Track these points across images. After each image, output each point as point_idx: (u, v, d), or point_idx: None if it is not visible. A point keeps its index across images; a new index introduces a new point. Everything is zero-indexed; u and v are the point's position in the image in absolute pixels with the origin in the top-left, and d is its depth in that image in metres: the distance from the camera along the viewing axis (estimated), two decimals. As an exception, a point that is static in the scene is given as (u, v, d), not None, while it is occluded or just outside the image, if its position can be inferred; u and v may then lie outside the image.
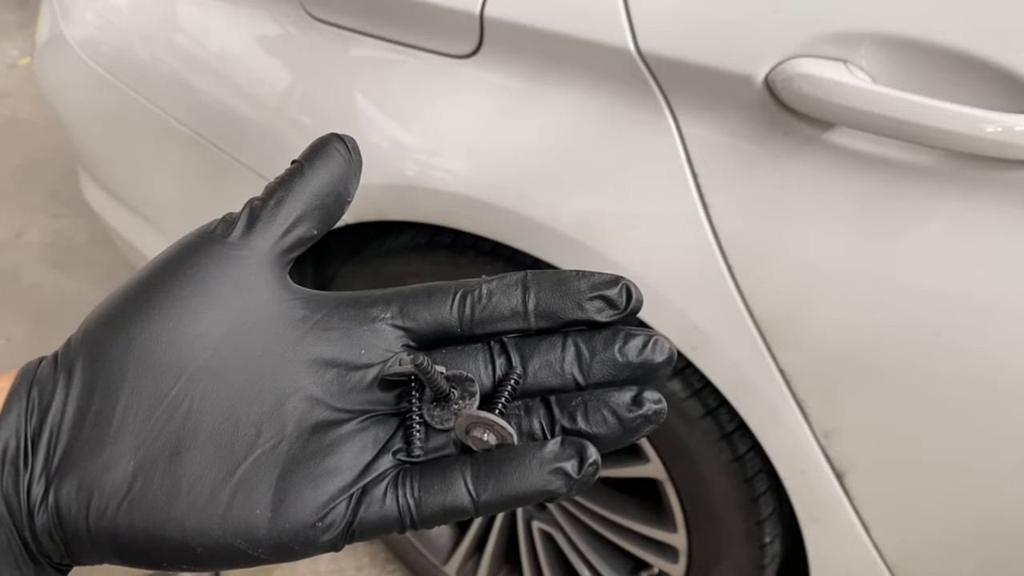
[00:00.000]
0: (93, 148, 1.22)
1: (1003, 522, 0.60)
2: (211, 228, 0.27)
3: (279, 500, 0.24)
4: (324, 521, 0.24)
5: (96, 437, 0.25)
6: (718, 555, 0.79)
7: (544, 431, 0.26)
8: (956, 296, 0.53)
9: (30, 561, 0.25)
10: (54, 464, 0.25)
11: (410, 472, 0.25)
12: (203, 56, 0.91)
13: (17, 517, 0.24)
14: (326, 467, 0.25)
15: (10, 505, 0.24)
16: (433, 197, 0.75)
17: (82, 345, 0.26)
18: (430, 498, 0.24)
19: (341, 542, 0.25)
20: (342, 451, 0.25)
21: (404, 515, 0.24)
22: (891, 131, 0.50)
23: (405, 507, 0.24)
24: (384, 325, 0.26)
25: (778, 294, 0.59)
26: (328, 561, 1.30)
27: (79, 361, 0.26)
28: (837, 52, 0.52)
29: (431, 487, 0.24)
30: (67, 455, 0.25)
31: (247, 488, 0.24)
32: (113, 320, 0.26)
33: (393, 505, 0.24)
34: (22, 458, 0.25)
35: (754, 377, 0.63)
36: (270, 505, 0.24)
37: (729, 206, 0.59)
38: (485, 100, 0.70)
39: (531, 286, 0.26)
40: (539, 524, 0.99)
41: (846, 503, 0.66)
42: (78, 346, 0.26)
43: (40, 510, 0.24)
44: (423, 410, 0.25)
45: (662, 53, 0.57)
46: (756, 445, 0.71)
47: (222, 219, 0.27)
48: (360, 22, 0.77)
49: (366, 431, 0.26)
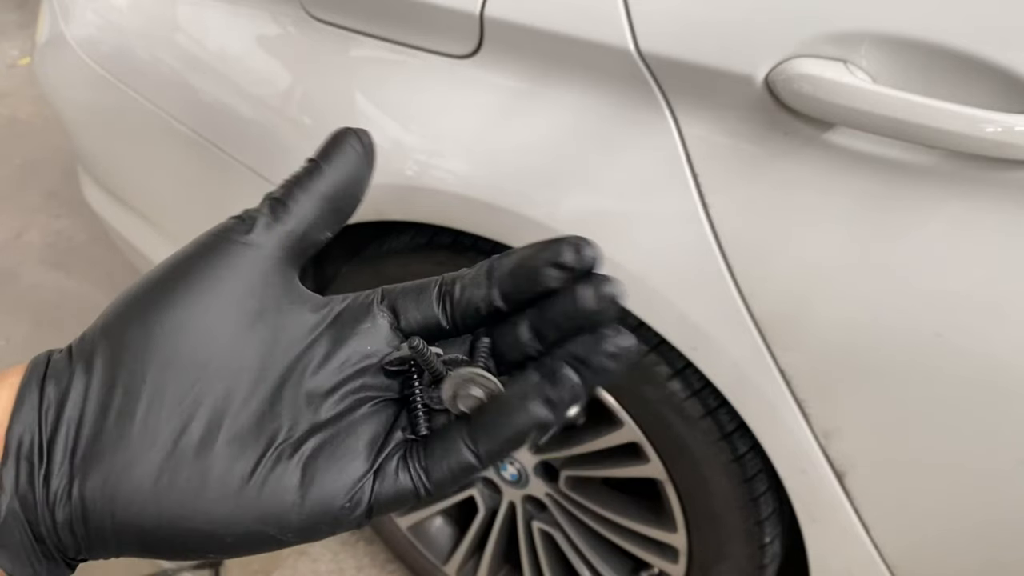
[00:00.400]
0: (93, 148, 1.22)
1: (1002, 522, 0.60)
2: (229, 226, 0.28)
3: (307, 485, 0.25)
4: (352, 500, 0.26)
5: (121, 430, 0.25)
6: (718, 555, 0.79)
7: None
8: (956, 296, 0.53)
9: (43, 557, 0.25)
10: (77, 458, 0.25)
11: (415, 446, 0.27)
12: (203, 56, 0.91)
13: (31, 512, 0.25)
14: (346, 450, 0.26)
15: (25, 501, 0.25)
16: (433, 197, 0.75)
17: (101, 337, 0.26)
18: (435, 464, 0.26)
19: (365, 519, 0.26)
20: (357, 435, 0.27)
21: (417, 485, 0.26)
22: (891, 131, 0.50)
23: (416, 477, 0.26)
24: (383, 321, 0.28)
25: (778, 294, 0.59)
26: (328, 562, 1.30)
27: (98, 354, 0.26)
28: (837, 52, 0.52)
29: (434, 453, 0.26)
30: (91, 449, 0.25)
31: (275, 476, 0.25)
32: (135, 314, 0.26)
33: (406, 478, 0.26)
34: (37, 453, 0.25)
35: (754, 377, 0.63)
36: (298, 490, 0.25)
37: (729, 206, 0.59)
38: (485, 100, 0.70)
39: (495, 273, 0.28)
40: (539, 524, 0.99)
41: (846, 503, 0.66)
42: (96, 339, 0.26)
43: (62, 504, 0.25)
44: (423, 393, 0.27)
45: (662, 53, 0.57)
46: (756, 445, 0.71)
47: (240, 217, 0.28)
48: (360, 22, 0.77)
49: (376, 415, 0.27)
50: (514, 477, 0.97)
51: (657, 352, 0.71)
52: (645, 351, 0.71)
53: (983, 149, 0.48)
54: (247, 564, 1.30)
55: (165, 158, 1.03)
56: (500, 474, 0.98)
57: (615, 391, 0.76)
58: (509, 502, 1.01)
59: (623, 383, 0.75)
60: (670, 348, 0.69)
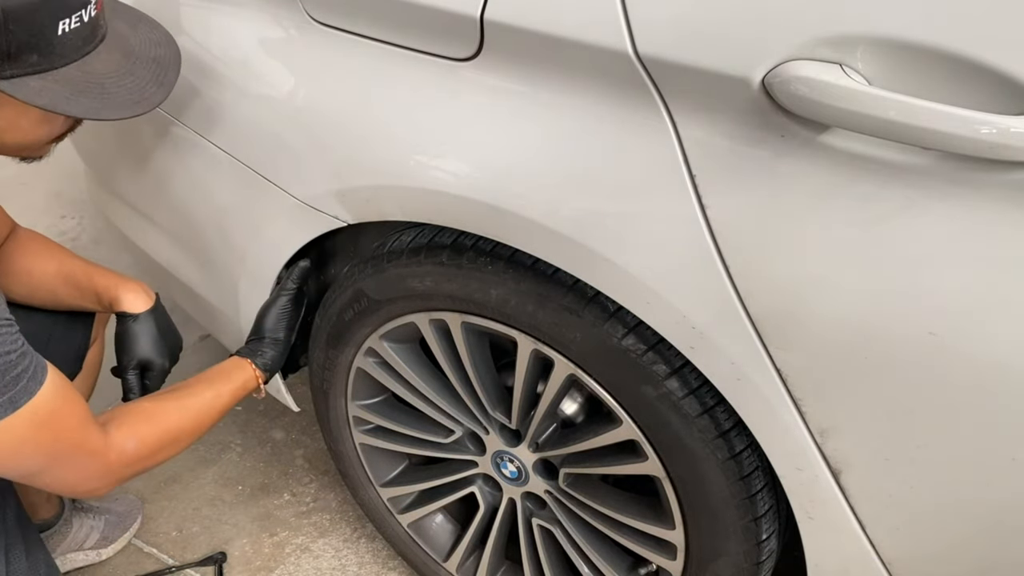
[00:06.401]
0: (96, 149, 1.23)
1: (997, 520, 0.60)
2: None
3: None
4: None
5: None
6: (715, 551, 0.80)
7: None
8: (950, 295, 0.54)
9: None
10: None
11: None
12: (205, 58, 0.92)
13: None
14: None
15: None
16: (434, 198, 0.75)
17: None
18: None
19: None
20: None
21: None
22: (886, 133, 0.51)
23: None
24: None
25: (774, 294, 0.60)
26: (331, 559, 1.31)
27: None
28: (833, 55, 0.52)
29: None
30: None
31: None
32: None
33: None
34: None
35: (751, 376, 0.64)
36: None
37: (726, 207, 0.60)
38: (485, 102, 0.70)
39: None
40: (539, 521, 1.00)
41: (842, 500, 0.66)
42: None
43: None
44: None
45: (660, 56, 0.58)
46: (753, 443, 0.72)
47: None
48: (361, 25, 0.77)
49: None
50: (514, 474, 0.97)
51: (655, 351, 0.71)
52: (644, 350, 0.72)
53: (978, 151, 0.48)
54: (249, 561, 1.31)
55: (167, 159, 1.03)
56: (501, 471, 0.99)
57: (614, 389, 0.77)
58: (509, 499, 1.02)
59: (622, 382, 0.75)
60: (668, 347, 0.70)
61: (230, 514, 1.39)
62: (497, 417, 0.92)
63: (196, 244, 1.07)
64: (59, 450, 0.71)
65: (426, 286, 0.84)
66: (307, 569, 1.30)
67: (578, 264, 0.69)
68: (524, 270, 0.76)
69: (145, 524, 1.36)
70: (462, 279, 0.79)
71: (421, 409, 1.00)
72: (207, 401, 0.87)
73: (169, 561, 1.31)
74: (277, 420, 1.57)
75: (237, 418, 1.56)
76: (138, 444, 0.78)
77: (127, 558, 1.31)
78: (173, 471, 1.45)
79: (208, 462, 1.48)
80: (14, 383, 0.65)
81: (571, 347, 0.77)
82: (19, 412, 0.66)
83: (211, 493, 1.43)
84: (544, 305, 0.76)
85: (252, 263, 0.98)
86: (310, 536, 1.35)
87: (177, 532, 1.36)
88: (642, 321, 0.69)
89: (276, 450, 1.51)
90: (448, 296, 0.82)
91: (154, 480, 1.43)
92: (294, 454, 1.50)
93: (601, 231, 0.66)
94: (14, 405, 0.65)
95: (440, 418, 0.99)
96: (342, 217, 0.86)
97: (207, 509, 1.40)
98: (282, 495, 1.42)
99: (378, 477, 1.12)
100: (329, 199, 0.85)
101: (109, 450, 0.75)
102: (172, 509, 1.39)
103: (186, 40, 0.92)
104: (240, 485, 1.44)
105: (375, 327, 0.93)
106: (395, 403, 1.06)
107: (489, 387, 0.91)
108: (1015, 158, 0.48)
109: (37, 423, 0.68)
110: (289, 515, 1.39)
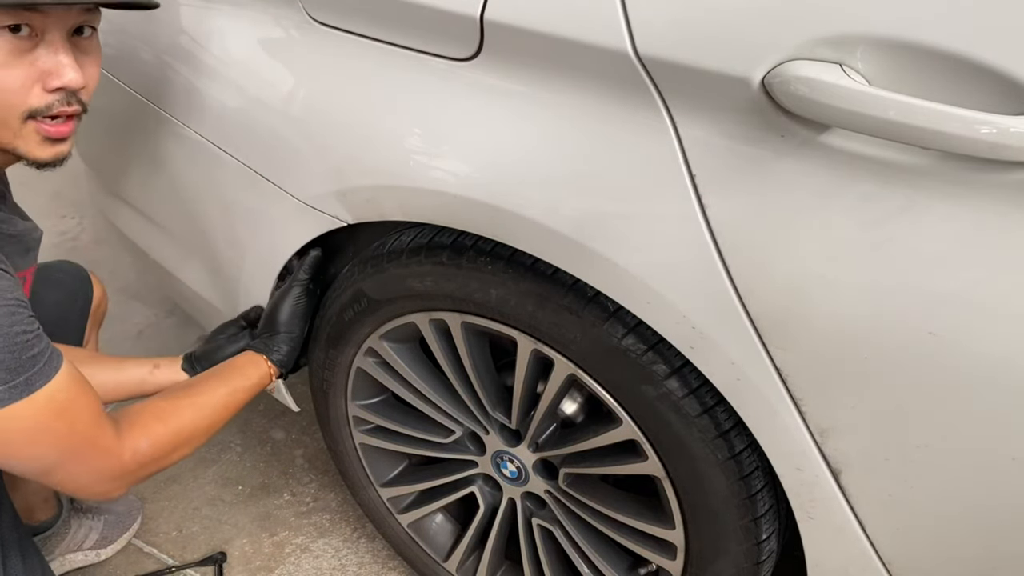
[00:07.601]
0: (98, 149, 1.23)
1: (997, 519, 0.60)
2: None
3: None
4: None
5: None
6: (715, 551, 0.80)
7: None
8: (950, 295, 0.54)
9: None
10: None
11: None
12: (206, 59, 0.92)
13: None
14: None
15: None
16: (434, 198, 0.75)
17: None
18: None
19: None
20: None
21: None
22: (886, 133, 0.51)
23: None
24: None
25: (774, 293, 0.60)
26: (331, 558, 1.31)
27: None
28: (833, 55, 0.52)
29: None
30: None
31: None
32: None
33: None
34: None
35: (751, 375, 0.64)
36: None
37: (726, 207, 0.60)
38: (485, 102, 0.70)
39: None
40: (539, 521, 1.00)
41: (842, 500, 0.66)
42: None
43: None
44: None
45: (659, 56, 0.58)
46: (753, 442, 0.72)
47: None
48: (361, 25, 0.77)
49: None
50: (514, 474, 0.98)
51: (655, 351, 0.71)
52: (643, 350, 0.72)
53: (978, 151, 0.48)
54: (249, 561, 1.31)
55: (168, 160, 1.03)
56: (501, 471, 0.99)
57: (614, 389, 0.77)
58: (509, 499, 1.02)
59: (622, 382, 0.75)
60: (668, 347, 0.70)
61: (230, 514, 1.39)
62: (497, 417, 0.92)
63: (196, 244, 1.07)
64: (73, 444, 0.69)
65: (426, 286, 0.84)
66: (307, 569, 1.30)
67: (578, 264, 0.69)
68: (524, 270, 0.76)
69: (145, 524, 1.36)
70: (462, 279, 0.79)
71: (421, 409, 1.00)
72: (221, 399, 0.85)
73: (169, 561, 1.31)
74: (277, 420, 1.57)
75: (237, 418, 1.56)
76: (152, 444, 0.76)
77: (127, 558, 1.31)
78: (173, 471, 1.45)
79: (208, 462, 1.48)
80: (31, 363, 0.64)
81: (571, 347, 0.77)
82: (36, 396, 0.64)
83: (211, 493, 1.43)
84: (544, 305, 0.76)
85: (252, 263, 0.98)
86: (310, 536, 1.35)
87: (177, 532, 1.36)
88: (642, 321, 0.69)
89: (276, 450, 1.51)
90: (448, 296, 0.82)
91: (154, 480, 1.43)
92: (294, 454, 1.50)
93: (601, 231, 0.66)
94: (30, 387, 0.64)
95: (440, 418, 0.99)
96: (342, 217, 0.86)
97: (207, 509, 1.40)
98: (282, 495, 1.42)
99: (378, 477, 1.12)
100: (329, 199, 0.85)
101: (123, 449, 0.74)
102: (172, 509, 1.39)
103: (186, 40, 0.92)
104: (240, 485, 1.44)
105: (375, 327, 0.93)
106: (395, 403, 1.06)
107: (489, 387, 0.91)
108: (1015, 158, 0.48)
109: (53, 410, 0.66)
110: (289, 515, 1.39)
